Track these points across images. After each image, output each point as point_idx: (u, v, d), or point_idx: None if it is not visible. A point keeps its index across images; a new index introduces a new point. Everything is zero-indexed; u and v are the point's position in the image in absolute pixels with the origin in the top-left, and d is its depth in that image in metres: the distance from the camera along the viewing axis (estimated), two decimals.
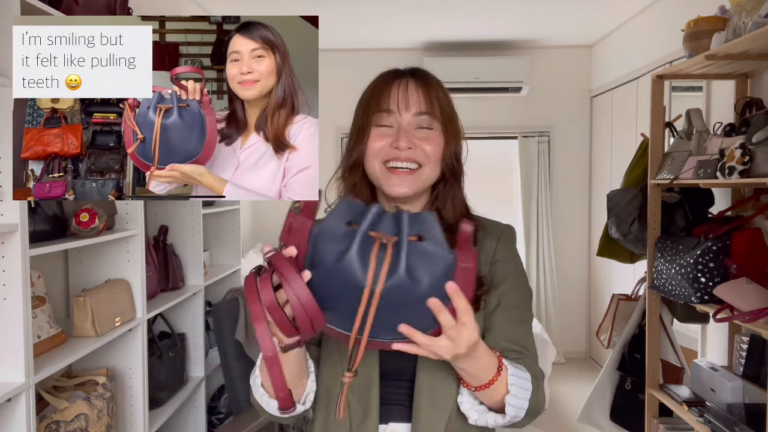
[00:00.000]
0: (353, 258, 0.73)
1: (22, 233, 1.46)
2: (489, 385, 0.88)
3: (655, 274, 2.41)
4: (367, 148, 0.99)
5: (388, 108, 0.98)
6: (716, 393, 2.21)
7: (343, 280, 0.74)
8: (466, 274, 0.77)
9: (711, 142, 2.20)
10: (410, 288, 0.74)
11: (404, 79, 1.00)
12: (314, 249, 0.76)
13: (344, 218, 0.77)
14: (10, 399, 1.46)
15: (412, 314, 0.76)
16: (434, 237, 0.76)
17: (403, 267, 0.73)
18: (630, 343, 2.70)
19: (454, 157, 1.00)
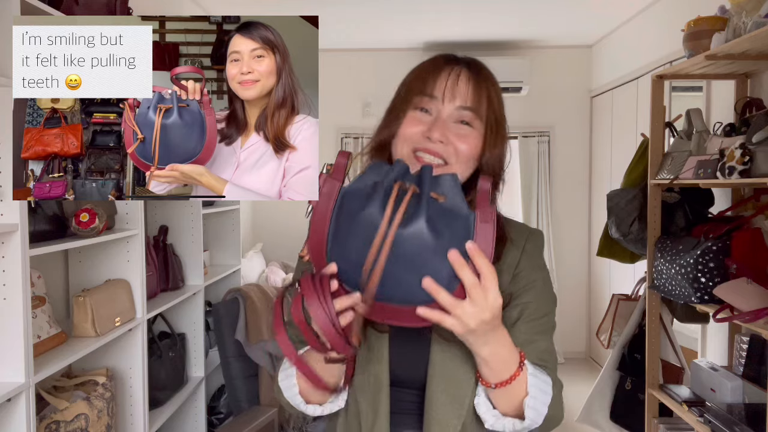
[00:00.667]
0: (375, 205, 0.73)
1: (22, 233, 1.46)
2: (509, 382, 0.84)
3: (655, 274, 2.41)
4: (400, 130, 0.92)
5: (432, 93, 0.91)
6: (716, 393, 2.21)
7: (362, 227, 0.74)
8: (486, 233, 0.75)
9: (711, 142, 2.20)
10: (428, 239, 0.72)
11: (457, 67, 0.92)
12: (340, 207, 0.78)
13: (371, 179, 0.78)
14: (10, 399, 1.46)
15: (430, 271, 0.74)
16: (454, 198, 0.75)
17: (423, 217, 0.72)
18: (630, 343, 2.70)
19: (497, 163, 0.92)
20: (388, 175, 0.77)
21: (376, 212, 0.73)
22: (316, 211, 0.79)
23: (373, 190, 0.76)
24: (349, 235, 0.75)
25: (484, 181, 0.79)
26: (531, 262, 0.97)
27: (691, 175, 2.18)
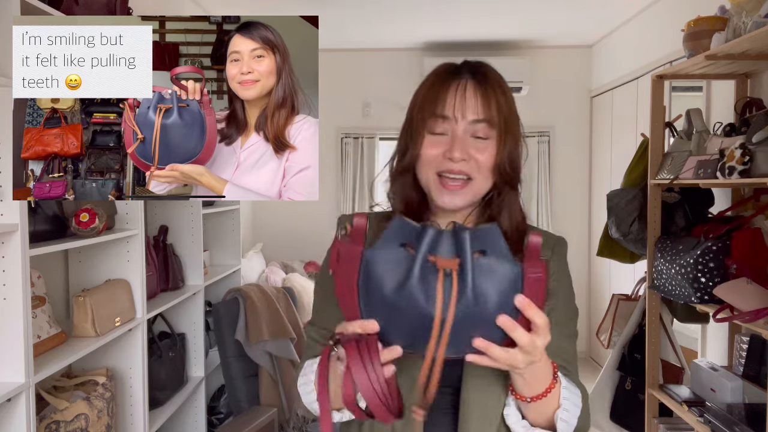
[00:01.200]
0: (415, 287, 0.69)
1: (22, 233, 1.46)
2: (544, 395, 0.83)
3: (655, 274, 2.41)
4: (420, 156, 0.92)
5: (443, 114, 0.91)
6: (716, 393, 2.21)
7: (405, 309, 0.70)
8: (537, 285, 0.72)
9: (711, 142, 2.20)
10: (478, 311, 0.70)
11: (462, 79, 0.92)
12: (367, 275, 0.72)
13: (398, 240, 0.73)
14: (10, 399, 1.46)
15: (481, 334, 0.72)
16: (498, 251, 0.72)
17: (469, 290, 0.69)
18: (630, 343, 2.70)
19: (509, 164, 0.92)
20: (419, 240, 0.71)
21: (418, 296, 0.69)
22: (339, 284, 0.74)
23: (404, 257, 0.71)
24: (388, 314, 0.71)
25: (534, 235, 0.78)
26: (560, 267, 0.98)
27: (691, 175, 2.18)
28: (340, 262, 0.74)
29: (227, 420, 2.98)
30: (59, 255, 2.11)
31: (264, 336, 2.95)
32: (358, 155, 4.88)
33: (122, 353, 2.14)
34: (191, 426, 2.83)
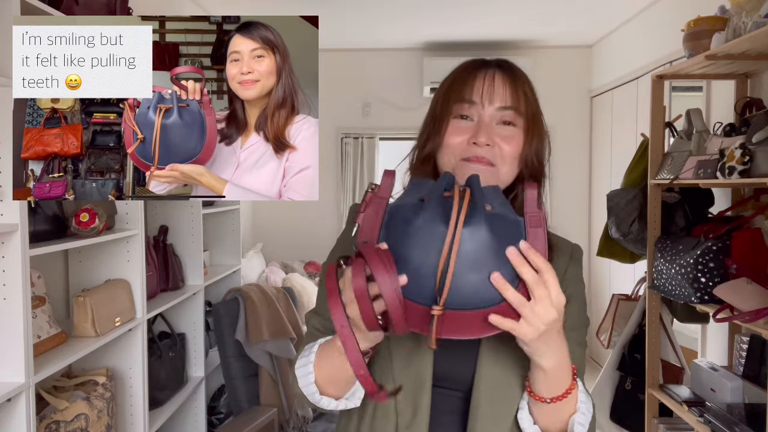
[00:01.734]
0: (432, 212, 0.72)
1: (22, 233, 1.46)
2: (564, 397, 0.81)
3: (655, 274, 2.41)
4: (444, 142, 0.91)
5: (470, 98, 0.90)
6: (716, 393, 2.21)
7: (422, 237, 0.72)
8: (538, 237, 0.76)
9: (711, 142, 2.20)
10: (489, 239, 0.72)
11: (491, 70, 0.92)
12: (390, 223, 0.76)
13: (417, 194, 0.77)
14: (10, 399, 1.46)
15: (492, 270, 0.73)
16: (501, 206, 0.76)
17: (482, 217, 0.72)
18: (630, 343, 2.70)
19: (536, 157, 0.92)
20: (435, 189, 0.76)
21: (433, 219, 0.72)
22: (363, 229, 0.77)
23: (421, 204, 0.75)
24: (407, 246, 0.73)
25: (530, 187, 0.79)
26: (575, 273, 0.97)
27: (691, 175, 2.18)
28: (367, 212, 0.77)
29: (227, 420, 2.98)
30: (59, 255, 2.11)
31: (264, 336, 2.95)
32: (358, 155, 4.88)
33: (122, 353, 2.14)
34: (191, 426, 2.83)
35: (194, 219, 2.80)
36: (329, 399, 0.90)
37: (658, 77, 2.51)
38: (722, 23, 2.15)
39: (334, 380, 0.88)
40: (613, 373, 2.75)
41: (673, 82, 3.14)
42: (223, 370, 2.95)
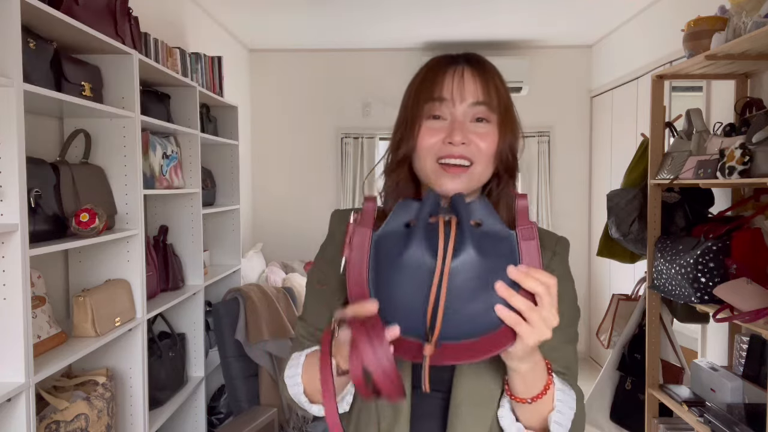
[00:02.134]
0: (419, 244, 0.71)
1: (22, 233, 1.46)
2: (544, 393, 0.82)
3: (655, 274, 2.41)
4: (418, 144, 0.88)
5: (441, 96, 0.88)
6: (716, 393, 2.21)
7: (410, 271, 0.71)
8: (531, 251, 0.74)
9: (711, 142, 2.20)
10: (480, 266, 0.70)
11: (459, 66, 0.90)
12: (377, 254, 0.75)
13: (402, 219, 0.76)
14: (10, 399, 1.46)
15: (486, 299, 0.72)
16: (491, 221, 0.75)
17: (470, 245, 0.70)
18: (630, 343, 2.70)
19: (510, 152, 0.90)
20: (421, 212, 0.74)
21: (420, 252, 0.71)
22: (351, 264, 0.76)
23: (408, 231, 0.74)
24: (395, 281, 0.72)
25: (521, 198, 0.78)
26: (561, 269, 0.95)
27: (691, 175, 2.18)
28: (353, 245, 0.76)
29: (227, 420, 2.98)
30: (59, 255, 2.11)
31: (264, 336, 2.95)
32: (358, 155, 4.88)
33: (122, 353, 2.14)
34: (191, 426, 2.83)
35: (194, 219, 2.80)
36: (319, 406, 0.92)
37: (658, 77, 2.51)
38: (722, 23, 2.15)
39: None
40: (613, 373, 2.75)
41: (673, 82, 3.14)
42: (223, 370, 2.95)
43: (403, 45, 4.74)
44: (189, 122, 2.78)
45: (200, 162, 2.83)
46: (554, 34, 4.47)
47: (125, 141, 2.08)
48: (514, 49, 4.79)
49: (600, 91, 4.58)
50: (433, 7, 3.74)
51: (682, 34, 2.33)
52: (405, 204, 0.77)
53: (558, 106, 4.86)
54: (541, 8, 3.79)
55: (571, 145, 4.88)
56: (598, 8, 3.80)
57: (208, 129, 3.16)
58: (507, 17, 4.01)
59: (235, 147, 3.46)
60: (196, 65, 3.05)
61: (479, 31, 4.36)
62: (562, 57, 4.84)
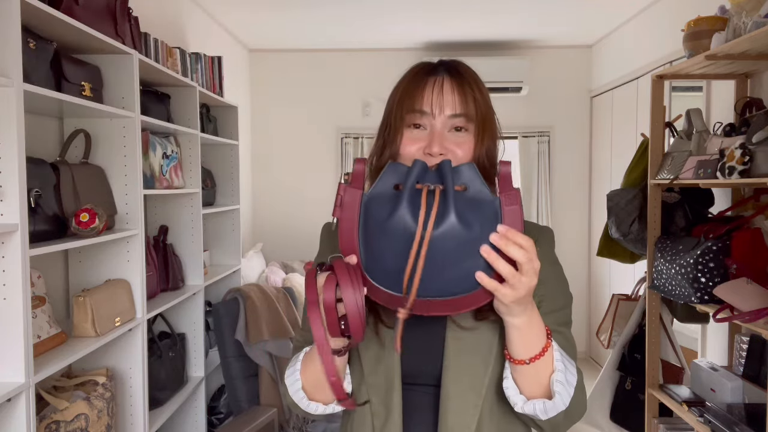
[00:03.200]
0: (404, 209, 0.75)
1: (22, 233, 1.46)
2: (542, 354, 0.84)
3: (655, 274, 2.41)
4: (400, 151, 0.93)
5: (421, 109, 0.92)
6: (716, 393, 2.21)
7: (395, 233, 0.75)
8: (514, 216, 0.78)
9: (711, 142, 2.20)
10: (462, 233, 0.74)
11: (440, 75, 0.94)
12: (366, 215, 0.79)
13: (391, 182, 0.79)
14: (10, 399, 1.45)
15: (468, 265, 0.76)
16: (477, 186, 0.78)
17: (452, 212, 0.74)
18: (630, 343, 2.70)
19: (486, 158, 0.93)
20: (408, 176, 0.78)
21: (406, 216, 0.75)
22: (342, 224, 0.79)
23: (396, 194, 0.77)
24: (381, 242, 0.77)
25: (504, 165, 0.81)
26: (543, 256, 0.94)
27: (691, 175, 2.18)
28: (343, 208, 0.79)
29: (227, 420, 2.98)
30: (59, 255, 2.11)
31: (264, 336, 2.95)
32: (358, 155, 4.88)
33: (122, 353, 2.14)
34: (191, 426, 2.83)
35: (194, 219, 2.80)
36: (317, 404, 0.94)
37: (658, 77, 2.51)
38: (722, 23, 2.15)
39: (320, 385, 0.92)
40: (613, 373, 2.75)
41: (673, 82, 3.14)
42: (223, 370, 2.95)
43: (403, 45, 4.74)
44: (189, 122, 2.78)
45: (200, 162, 2.83)
46: (554, 34, 4.47)
47: (125, 141, 2.08)
48: (514, 49, 4.79)
49: (600, 91, 4.58)
50: (433, 7, 3.74)
51: (682, 34, 2.33)
52: (395, 166, 0.81)
53: (558, 106, 4.86)
54: (541, 8, 3.79)
55: (571, 145, 4.88)
56: (598, 8, 3.80)
57: (208, 129, 3.16)
58: (507, 17, 4.01)
59: (235, 147, 3.46)
60: (196, 65, 3.05)
61: (479, 31, 4.36)
62: (562, 57, 4.84)
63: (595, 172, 4.78)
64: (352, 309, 0.75)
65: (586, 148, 4.90)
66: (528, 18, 4.02)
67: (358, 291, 0.75)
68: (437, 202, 0.74)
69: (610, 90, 4.38)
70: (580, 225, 4.89)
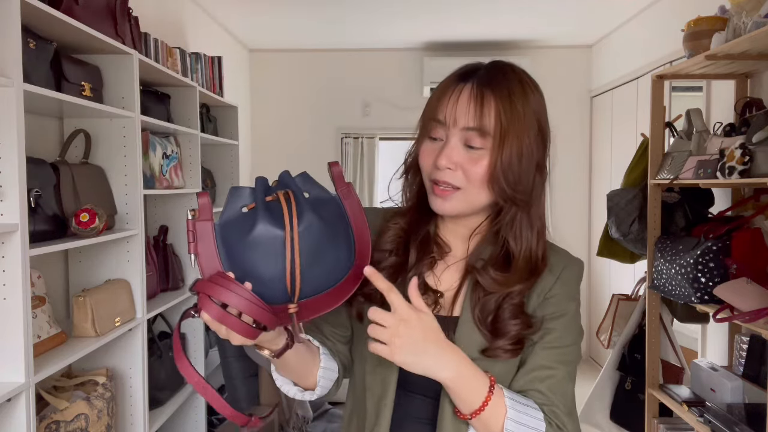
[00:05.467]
0: (264, 220, 0.78)
1: (22, 233, 1.46)
2: (481, 410, 0.81)
3: (655, 274, 2.41)
4: (419, 161, 0.91)
5: (437, 118, 0.87)
6: (716, 393, 2.21)
7: (262, 244, 0.78)
8: (353, 207, 0.86)
9: (711, 142, 2.20)
10: (321, 227, 0.80)
11: (468, 83, 0.86)
12: (224, 241, 0.80)
13: (237, 205, 0.81)
14: (10, 399, 1.46)
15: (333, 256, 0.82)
16: (316, 191, 0.84)
17: (309, 210, 0.79)
18: (630, 343, 2.70)
19: (505, 180, 0.84)
20: (256, 194, 0.81)
21: (267, 227, 0.78)
22: (201, 258, 0.79)
23: (248, 213, 0.80)
24: (250, 259, 0.78)
25: (334, 166, 0.86)
26: (565, 290, 0.91)
27: (691, 175, 2.18)
28: (198, 241, 0.80)
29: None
30: (59, 255, 2.11)
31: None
32: (358, 155, 4.88)
33: (122, 353, 2.14)
34: (191, 426, 2.83)
35: None
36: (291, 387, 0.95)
37: (658, 77, 2.51)
38: (722, 23, 2.15)
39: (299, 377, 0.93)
40: (613, 373, 2.75)
41: (673, 82, 3.14)
42: (223, 370, 2.95)
43: (403, 45, 4.74)
44: (189, 122, 2.77)
45: (200, 162, 2.83)
46: (554, 34, 4.47)
47: (125, 141, 2.08)
48: (514, 49, 4.79)
49: (600, 91, 4.58)
50: (434, 7, 3.74)
51: (682, 34, 2.33)
52: (236, 191, 0.83)
53: (558, 106, 4.85)
54: (541, 8, 3.79)
55: (571, 145, 4.88)
56: (598, 8, 3.80)
57: (208, 129, 3.15)
58: (507, 17, 4.01)
59: (235, 147, 3.46)
60: (196, 65, 3.05)
61: (480, 31, 4.36)
62: (562, 57, 4.84)
63: (595, 172, 4.78)
64: (246, 305, 0.74)
65: (586, 148, 4.90)
66: (528, 18, 4.02)
67: (237, 287, 0.74)
68: (294, 203, 0.79)
69: (610, 90, 4.38)
70: (580, 225, 4.89)
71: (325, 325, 0.99)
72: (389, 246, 0.94)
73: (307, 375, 0.93)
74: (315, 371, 0.93)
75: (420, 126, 0.92)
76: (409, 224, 0.95)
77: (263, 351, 0.84)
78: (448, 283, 0.93)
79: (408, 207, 0.97)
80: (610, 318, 2.91)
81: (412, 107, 4.84)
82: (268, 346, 0.83)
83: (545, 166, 0.90)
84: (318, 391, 0.95)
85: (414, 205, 0.96)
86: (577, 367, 0.92)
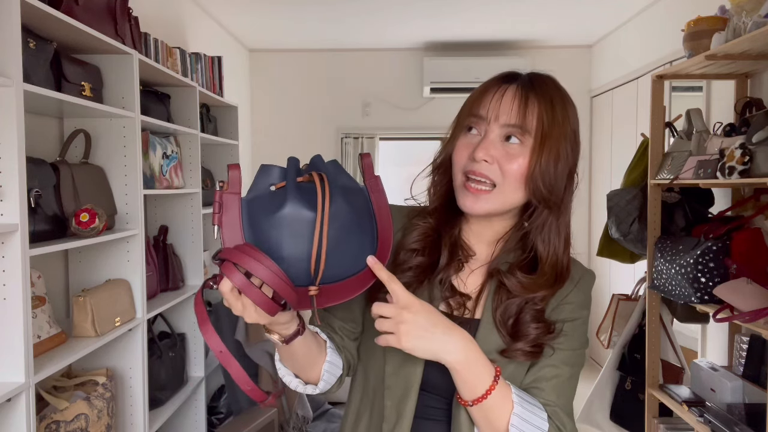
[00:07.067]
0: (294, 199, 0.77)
1: (22, 233, 1.46)
2: (484, 398, 0.82)
3: (655, 274, 2.41)
4: (452, 156, 0.91)
5: (478, 113, 0.88)
6: (716, 393, 2.21)
7: (290, 223, 0.77)
8: (380, 201, 0.85)
9: (711, 142, 2.20)
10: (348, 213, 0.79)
11: (512, 84, 0.89)
12: (250, 216, 0.79)
13: (266, 183, 0.81)
14: (10, 399, 1.45)
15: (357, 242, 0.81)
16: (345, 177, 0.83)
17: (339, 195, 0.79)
18: (630, 343, 2.70)
19: (542, 181, 0.86)
20: (287, 175, 0.80)
21: (297, 207, 0.76)
22: (225, 228, 0.78)
23: (280, 191, 0.79)
24: (275, 237, 0.77)
25: (366, 157, 0.86)
26: (581, 298, 0.94)
27: (691, 175, 2.18)
28: (223, 212, 0.79)
29: (227, 420, 2.98)
30: (59, 255, 2.11)
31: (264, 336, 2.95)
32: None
33: (122, 353, 2.14)
34: (191, 426, 2.83)
35: (194, 219, 2.80)
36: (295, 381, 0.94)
37: (658, 77, 2.51)
38: (722, 23, 2.15)
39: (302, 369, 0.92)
40: (613, 373, 2.75)
41: (673, 82, 3.14)
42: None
43: (403, 45, 4.74)
44: (189, 122, 2.77)
45: (200, 162, 2.83)
46: (554, 34, 4.47)
47: (125, 141, 2.08)
48: (514, 49, 4.79)
49: (600, 91, 4.58)
50: (434, 7, 3.74)
51: (681, 34, 2.33)
52: (266, 168, 0.82)
53: None
54: (542, 8, 3.79)
55: None
56: (598, 8, 3.80)
57: (208, 129, 3.15)
58: (507, 17, 4.01)
59: (235, 147, 3.46)
60: (196, 65, 3.05)
61: (479, 31, 4.36)
62: (562, 57, 4.84)
63: (595, 172, 4.78)
64: (270, 276, 0.73)
65: (586, 148, 4.89)
66: (528, 18, 4.02)
67: (264, 259, 0.73)
68: (327, 186, 0.78)
69: (610, 90, 4.38)
70: (580, 225, 4.89)
71: (334, 320, 0.99)
72: (417, 245, 0.94)
73: (312, 367, 0.92)
74: (320, 364, 0.93)
75: (454, 125, 0.93)
76: (438, 224, 0.95)
77: (272, 335, 0.83)
78: (472, 287, 0.94)
79: (434, 207, 0.96)
80: (610, 318, 2.91)
81: (412, 107, 4.85)
82: (279, 330, 0.82)
83: (575, 176, 0.92)
84: (321, 386, 0.94)
85: (440, 205, 0.96)
86: (580, 371, 0.94)
